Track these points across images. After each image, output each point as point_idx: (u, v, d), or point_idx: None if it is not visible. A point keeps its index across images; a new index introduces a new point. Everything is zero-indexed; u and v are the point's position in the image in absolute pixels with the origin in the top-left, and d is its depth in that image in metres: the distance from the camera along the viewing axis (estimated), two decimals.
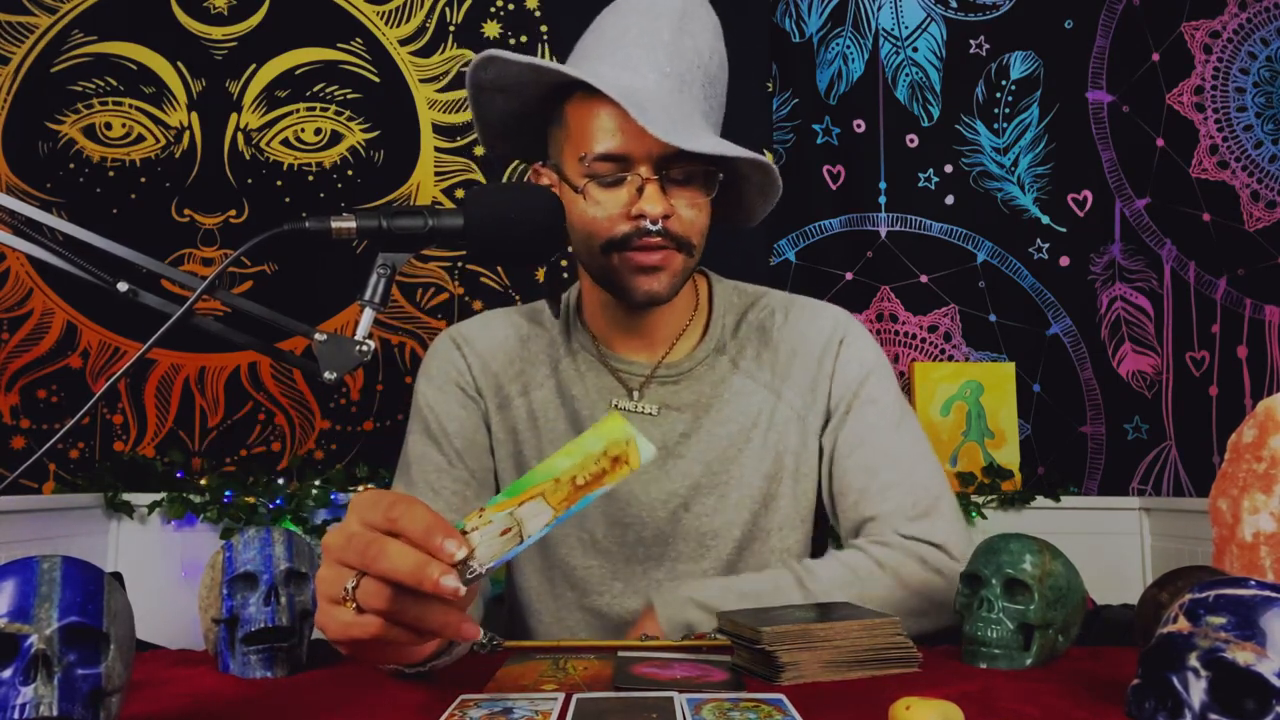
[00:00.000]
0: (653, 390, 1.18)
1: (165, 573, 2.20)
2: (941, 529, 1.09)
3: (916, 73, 2.55)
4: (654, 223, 1.04)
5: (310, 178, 2.40)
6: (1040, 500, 2.36)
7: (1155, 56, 2.55)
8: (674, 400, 1.17)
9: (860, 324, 1.24)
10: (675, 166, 1.05)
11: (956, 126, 2.54)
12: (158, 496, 2.22)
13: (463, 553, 0.61)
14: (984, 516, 2.33)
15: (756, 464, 1.16)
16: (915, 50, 2.56)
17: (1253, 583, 0.61)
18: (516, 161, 2.43)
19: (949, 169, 2.54)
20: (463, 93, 2.43)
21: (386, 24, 2.44)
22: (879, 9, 2.55)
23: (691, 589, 1.04)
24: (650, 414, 1.16)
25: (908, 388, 2.41)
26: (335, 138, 2.41)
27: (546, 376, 1.20)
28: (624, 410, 1.17)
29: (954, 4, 2.56)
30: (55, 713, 0.56)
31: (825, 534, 1.25)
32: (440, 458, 1.16)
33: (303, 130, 2.41)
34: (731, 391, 1.18)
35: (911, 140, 2.54)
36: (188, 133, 2.38)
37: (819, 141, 2.52)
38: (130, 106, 2.37)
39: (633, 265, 1.07)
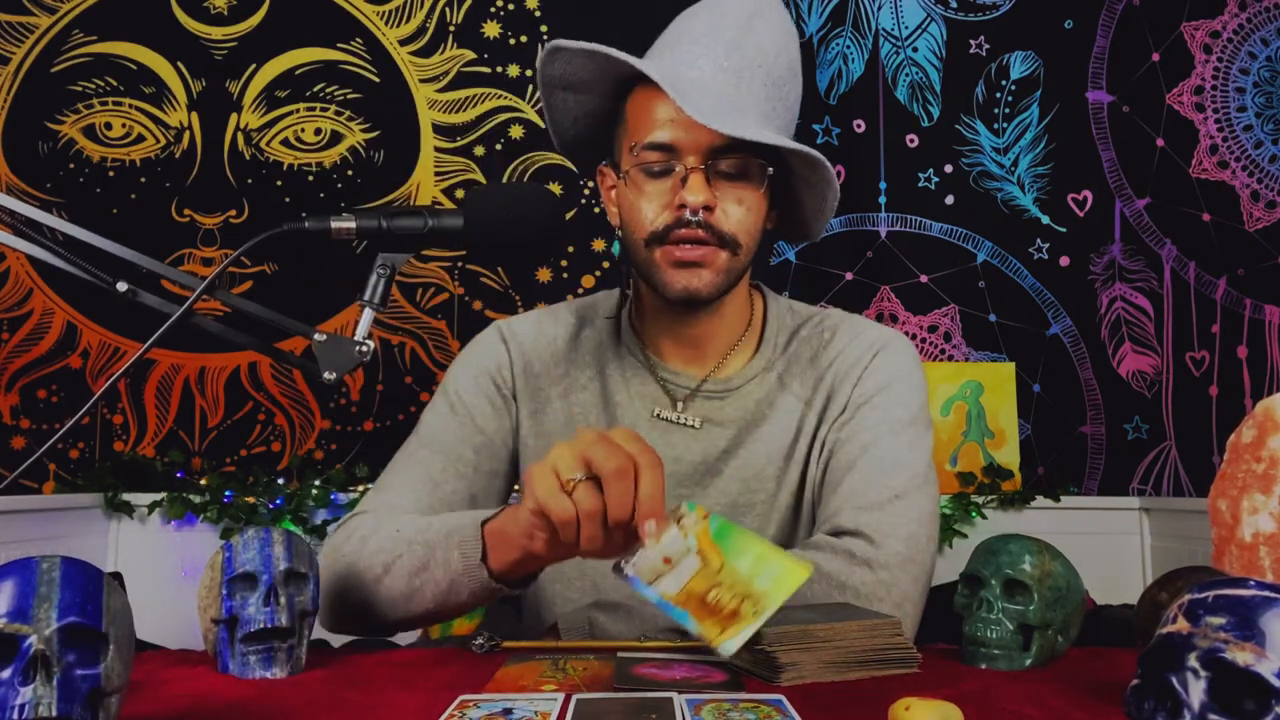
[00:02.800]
0: (697, 404, 1.15)
1: (165, 573, 2.20)
2: (885, 523, 1.03)
3: (916, 73, 2.55)
4: (694, 213, 1.03)
5: (310, 178, 2.40)
6: (1040, 500, 2.36)
7: (1155, 56, 2.55)
8: (718, 415, 1.15)
9: (906, 342, 1.19)
10: (723, 159, 1.04)
11: (956, 126, 2.54)
12: (158, 496, 2.22)
13: (650, 543, 0.74)
14: (984, 516, 2.33)
15: (792, 480, 1.13)
16: (915, 50, 2.56)
17: (1252, 583, 0.61)
18: (516, 162, 2.43)
19: (949, 169, 2.54)
20: (463, 92, 2.43)
21: (386, 24, 2.44)
22: (879, 9, 2.55)
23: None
24: (692, 426, 1.14)
25: None
26: (335, 138, 2.41)
27: (591, 379, 1.18)
28: (665, 420, 1.14)
29: (954, 4, 2.56)
30: (54, 713, 0.56)
31: None
32: (456, 445, 1.14)
33: (303, 130, 2.41)
34: (775, 409, 1.15)
35: (911, 140, 2.54)
36: (188, 133, 2.38)
37: (819, 141, 2.52)
38: (130, 106, 2.37)
39: (672, 259, 1.05)
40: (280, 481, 2.26)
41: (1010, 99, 2.56)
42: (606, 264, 2.42)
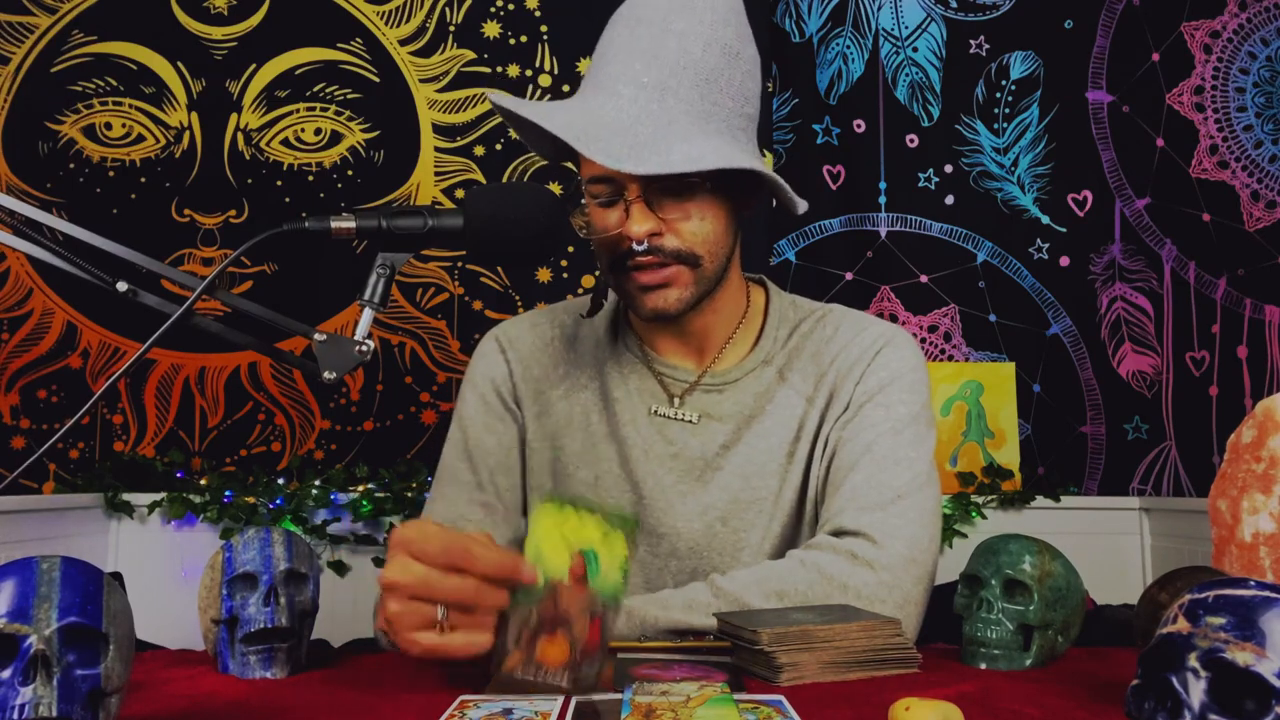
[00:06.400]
0: (695, 398, 1.15)
1: (165, 573, 2.20)
2: (887, 523, 1.03)
3: (916, 73, 2.55)
4: (639, 243, 1.03)
5: (310, 178, 2.40)
6: (1040, 500, 2.36)
7: (1155, 56, 2.55)
8: (716, 410, 1.15)
9: (909, 338, 1.18)
10: (664, 180, 1.02)
11: (956, 126, 2.54)
12: (158, 496, 2.21)
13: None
14: (984, 516, 2.33)
15: (795, 478, 1.13)
16: (915, 50, 2.56)
17: (1252, 583, 0.61)
18: (516, 162, 2.43)
19: (949, 169, 2.54)
20: (463, 92, 2.43)
21: (386, 24, 2.44)
22: (879, 9, 2.55)
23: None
24: (690, 422, 1.14)
25: None
26: (335, 138, 2.41)
27: (591, 378, 1.19)
28: (663, 416, 1.15)
29: (954, 4, 2.56)
30: (54, 713, 0.56)
31: None
32: (471, 477, 1.18)
33: (303, 130, 2.41)
34: (774, 404, 1.14)
35: (911, 140, 2.54)
36: (188, 133, 2.38)
37: (819, 141, 2.52)
38: (130, 106, 2.37)
39: (636, 284, 1.06)
40: (280, 481, 2.26)
41: (1010, 99, 2.56)
42: None
